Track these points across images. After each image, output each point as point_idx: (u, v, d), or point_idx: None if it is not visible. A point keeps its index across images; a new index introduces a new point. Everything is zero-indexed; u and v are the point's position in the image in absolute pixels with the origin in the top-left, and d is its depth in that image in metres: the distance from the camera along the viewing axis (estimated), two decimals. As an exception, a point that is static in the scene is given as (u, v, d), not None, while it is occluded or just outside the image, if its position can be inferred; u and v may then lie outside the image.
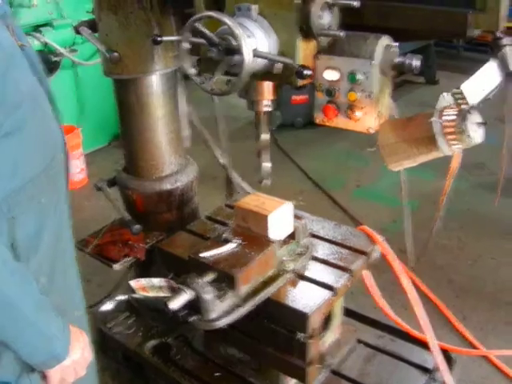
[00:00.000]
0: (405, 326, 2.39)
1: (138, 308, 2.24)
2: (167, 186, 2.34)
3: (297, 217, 2.08)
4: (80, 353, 1.42)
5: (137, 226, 2.23)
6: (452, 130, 1.43)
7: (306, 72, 1.50)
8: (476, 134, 1.44)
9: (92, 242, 2.34)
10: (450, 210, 3.80)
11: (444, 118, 1.44)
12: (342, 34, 1.52)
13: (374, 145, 1.67)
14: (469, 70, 1.62)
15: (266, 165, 1.96)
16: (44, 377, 1.40)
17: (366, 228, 2.21)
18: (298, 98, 5.22)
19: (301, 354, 1.89)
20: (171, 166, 2.38)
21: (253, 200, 2.02)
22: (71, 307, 1.54)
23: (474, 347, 2.83)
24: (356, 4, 1.52)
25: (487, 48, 6.56)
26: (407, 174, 1.94)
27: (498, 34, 1.51)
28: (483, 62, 1.57)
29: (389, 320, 2.42)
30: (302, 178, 4.52)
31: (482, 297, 3.23)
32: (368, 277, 2.12)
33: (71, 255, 1.56)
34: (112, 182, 2.43)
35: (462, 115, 1.43)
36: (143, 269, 2.40)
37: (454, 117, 1.44)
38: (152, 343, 2.36)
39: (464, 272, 3.38)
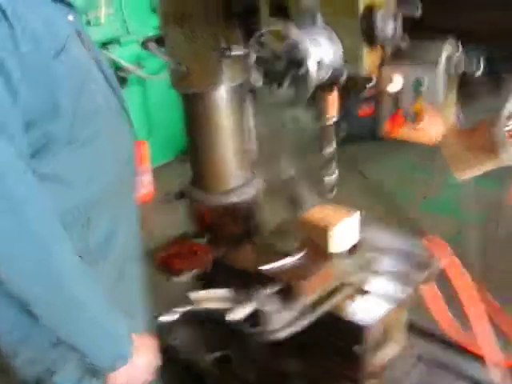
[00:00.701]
0: (472, 342, 2.31)
1: (197, 320, 2.26)
2: (233, 198, 2.35)
3: (363, 228, 2.06)
4: (147, 356, 1.43)
5: (204, 239, 2.25)
6: (517, 136, 1.39)
7: (371, 82, 1.48)
8: None
9: (158, 254, 2.38)
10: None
11: (510, 124, 1.39)
12: (407, 41, 1.49)
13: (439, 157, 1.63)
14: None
15: (330, 178, 1.95)
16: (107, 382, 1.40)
17: (433, 239, 2.16)
18: (364, 109, 5.17)
19: (360, 368, 1.87)
20: (237, 179, 2.39)
21: (317, 212, 2.01)
22: (133, 313, 1.57)
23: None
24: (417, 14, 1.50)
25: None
26: (474, 185, 1.88)
27: None
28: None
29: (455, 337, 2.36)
30: (367, 191, 4.47)
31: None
32: (434, 290, 2.07)
33: (138, 264, 1.59)
34: (179, 195, 2.46)
35: (528, 120, 1.38)
36: (207, 281, 2.42)
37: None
38: (213, 355, 2.37)
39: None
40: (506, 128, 1.40)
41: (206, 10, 2.03)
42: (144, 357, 1.42)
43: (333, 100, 1.79)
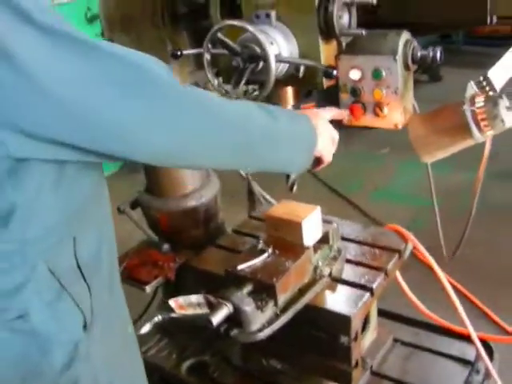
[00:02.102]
0: (440, 320, 2.38)
1: (171, 328, 2.23)
2: (192, 202, 2.32)
3: (325, 221, 2.07)
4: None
5: (166, 246, 2.22)
6: (485, 116, 1.43)
7: (334, 72, 1.49)
8: (508, 117, 1.44)
9: (120, 265, 2.32)
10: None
11: (477, 105, 1.43)
12: (363, 32, 1.52)
13: (387, 146, 1.68)
14: (471, 63, 1.64)
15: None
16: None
17: (395, 226, 2.20)
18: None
19: (345, 358, 1.88)
20: (194, 182, 2.36)
21: (282, 208, 2.01)
22: (125, 323, 1.54)
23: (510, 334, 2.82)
24: (373, 1, 1.53)
25: (487, 41, 6.65)
26: (423, 170, 1.94)
27: (520, 19, 1.51)
28: (484, 54, 1.59)
29: (422, 316, 2.42)
30: (318, 183, 4.51)
31: (512, 285, 3.21)
32: (397, 275, 2.11)
33: (118, 269, 1.56)
34: (134, 204, 2.42)
35: (494, 101, 1.43)
36: (172, 288, 2.39)
37: (485, 103, 1.43)
38: (188, 363, 2.33)
39: (496, 264, 3.36)
40: (473, 107, 1.43)
41: (152, 13, 2.00)
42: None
43: (289, 93, 1.81)
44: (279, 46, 1.56)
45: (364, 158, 4.88)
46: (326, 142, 1.56)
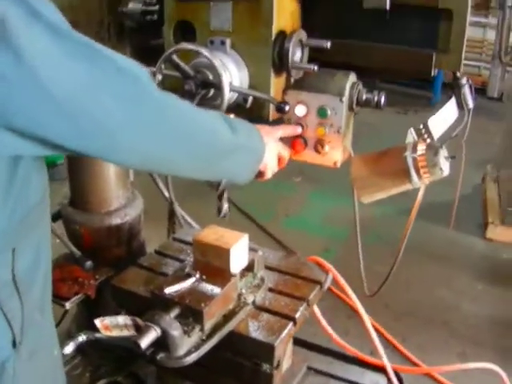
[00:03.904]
0: (353, 350, 2.46)
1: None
2: (117, 220, 2.29)
3: (251, 249, 2.09)
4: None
5: (89, 263, 2.16)
6: (425, 163, 1.51)
7: (286, 107, 1.53)
8: (445, 166, 1.54)
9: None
10: (380, 236, 4.00)
11: (418, 152, 1.52)
12: (315, 67, 1.57)
13: (300, 175, 1.73)
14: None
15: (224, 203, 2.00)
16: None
17: (316, 258, 2.25)
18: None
19: (267, 384, 1.89)
20: (119, 199, 2.33)
21: (210, 233, 2.01)
22: (51, 345, 1.48)
23: (417, 366, 2.96)
24: (327, 45, 1.59)
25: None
26: (331, 201, 2.02)
27: (459, 74, 1.62)
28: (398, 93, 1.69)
29: (335, 346, 2.49)
30: (231, 209, 4.53)
31: (418, 318, 3.39)
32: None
33: (50, 287, 1.50)
34: (56, 216, 2.34)
35: (435, 150, 1.51)
36: (89, 306, 2.33)
37: (426, 151, 1.52)
38: (101, 383, 2.27)
39: (399, 296, 3.52)
40: (415, 155, 1.52)
41: (98, 23, 1.97)
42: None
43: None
44: (231, 74, 1.58)
45: (277, 185, 4.98)
46: (271, 159, 1.64)
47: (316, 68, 1.57)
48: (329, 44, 1.55)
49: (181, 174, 1.41)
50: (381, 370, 2.27)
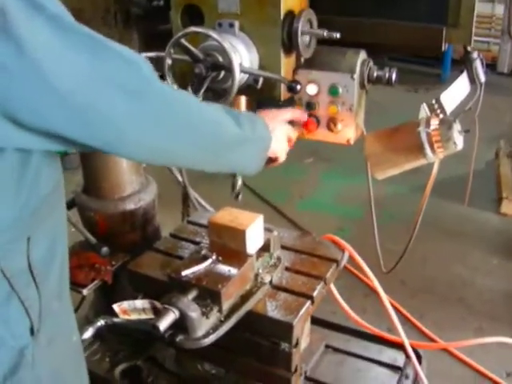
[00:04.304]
0: (370, 327, 2.47)
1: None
2: (131, 205, 2.30)
3: (266, 229, 2.10)
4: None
5: (105, 249, 2.18)
6: (439, 138, 1.51)
7: (298, 86, 1.53)
8: (459, 140, 1.53)
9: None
10: (393, 215, 4.00)
11: (432, 127, 1.51)
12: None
13: (311, 155, 1.74)
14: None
15: (238, 179, 2.00)
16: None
17: (332, 236, 2.26)
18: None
19: (286, 364, 1.90)
20: (133, 184, 2.34)
21: (225, 215, 2.02)
22: (70, 332, 1.49)
23: (434, 342, 2.97)
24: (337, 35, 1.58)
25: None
26: (344, 181, 2.02)
27: (469, 49, 1.61)
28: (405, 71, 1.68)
29: (353, 324, 2.50)
30: (245, 192, 4.55)
31: (435, 295, 3.39)
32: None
33: (68, 275, 1.52)
34: (70, 204, 2.36)
35: (448, 124, 1.51)
36: (106, 291, 2.35)
37: (440, 126, 1.52)
38: (121, 367, 2.30)
39: (415, 273, 3.53)
40: (428, 129, 1.51)
41: (104, 10, 1.97)
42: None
43: (242, 102, 1.83)
44: (241, 55, 1.58)
45: (289, 168, 4.97)
46: (280, 144, 1.64)
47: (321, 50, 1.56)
48: (338, 35, 1.54)
49: (189, 166, 1.42)
50: (398, 346, 2.29)
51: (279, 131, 1.62)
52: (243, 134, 1.42)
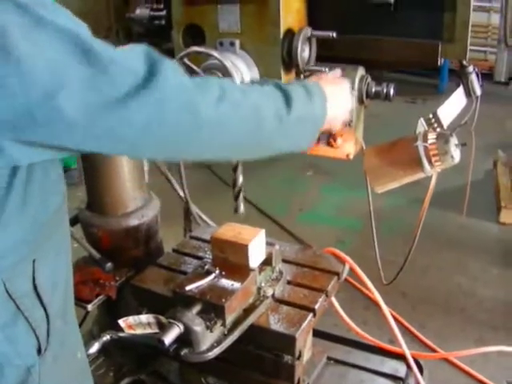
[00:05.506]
0: (371, 339, 2.49)
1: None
2: (134, 221, 2.33)
3: (267, 243, 2.13)
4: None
5: (109, 264, 2.20)
6: (436, 151, 1.54)
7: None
8: (456, 154, 1.57)
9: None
10: (393, 227, 4.03)
11: (429, 141, 1.55)
12: (326, 69, 1.60)
13: (311, 168, 1.77)
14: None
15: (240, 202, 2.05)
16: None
17: (332, 249, 2.28)
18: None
19: (289, 376, 1.93)
20: (136, 201, 2.37)
21: (228, 230, 2.04)
22: (74, 348, 1.50)
23: (435, 352, 2.99)
24: (333, 35, 1.61)
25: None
26: (343, 193, 2.04)
27: (465, 63, 1.64)
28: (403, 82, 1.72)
29: (354, 336, 2.52)
30: (246, 206, 4.58)
31: (435, 306, 3.41)
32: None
33: (72, 293, 1.53)
34: (74, 221, 2.38)
35: (445, 138, 1.54)
36: (110, 307, 2.37)
37: (437, 140, 1.55)
38: (125, 382, 2.32)
39: (416, 284, 3.55)
40: (426, 144, 1.55)
41: (107, 28, 2.00)
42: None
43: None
44: (242, 73, 1.62)
45: (289, 181, 5.02)
46: (337, 113, 1.52)
47: (327, 70, 1.59)
48: (335, 34, 1.57)
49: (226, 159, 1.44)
50: (400, 357, 2.31)
51: (340, 101, 1.52)
52: (291, 116, 1.32)
